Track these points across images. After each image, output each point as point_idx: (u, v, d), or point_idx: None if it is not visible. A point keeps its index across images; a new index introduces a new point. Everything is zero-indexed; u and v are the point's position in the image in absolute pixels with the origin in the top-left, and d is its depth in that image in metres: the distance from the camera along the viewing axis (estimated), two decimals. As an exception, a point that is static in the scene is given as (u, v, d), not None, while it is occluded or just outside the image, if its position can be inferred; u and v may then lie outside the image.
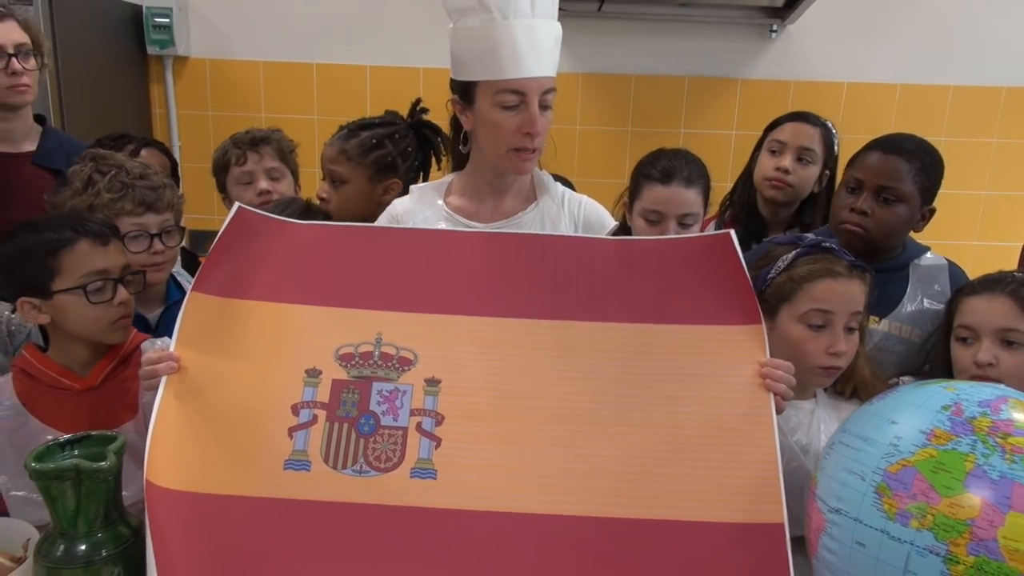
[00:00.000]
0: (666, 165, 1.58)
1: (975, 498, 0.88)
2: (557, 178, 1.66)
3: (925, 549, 0.89)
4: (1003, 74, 3.00)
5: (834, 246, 1.31)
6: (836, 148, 2.01)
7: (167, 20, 2.93)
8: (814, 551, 1.04)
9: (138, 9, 2.93)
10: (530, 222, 1.51)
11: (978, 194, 3.07)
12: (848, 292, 1.26)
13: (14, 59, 1.85)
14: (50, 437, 1.19)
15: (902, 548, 0.91)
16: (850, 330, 1.28)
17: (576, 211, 1.53)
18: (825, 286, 1.26)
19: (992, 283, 1.37)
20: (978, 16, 2.96)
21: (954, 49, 2.99)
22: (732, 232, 1.21)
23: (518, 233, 1.42)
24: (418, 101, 1.92)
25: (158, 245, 1.51)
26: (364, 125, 1.86)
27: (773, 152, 1.99)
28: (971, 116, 3.03)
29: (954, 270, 1.64)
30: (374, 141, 1.82)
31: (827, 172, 1.99)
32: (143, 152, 2.00)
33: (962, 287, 1.44)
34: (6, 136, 1.95)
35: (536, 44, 1.36)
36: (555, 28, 1.40)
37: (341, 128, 1.88)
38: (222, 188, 1.98)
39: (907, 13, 2.96)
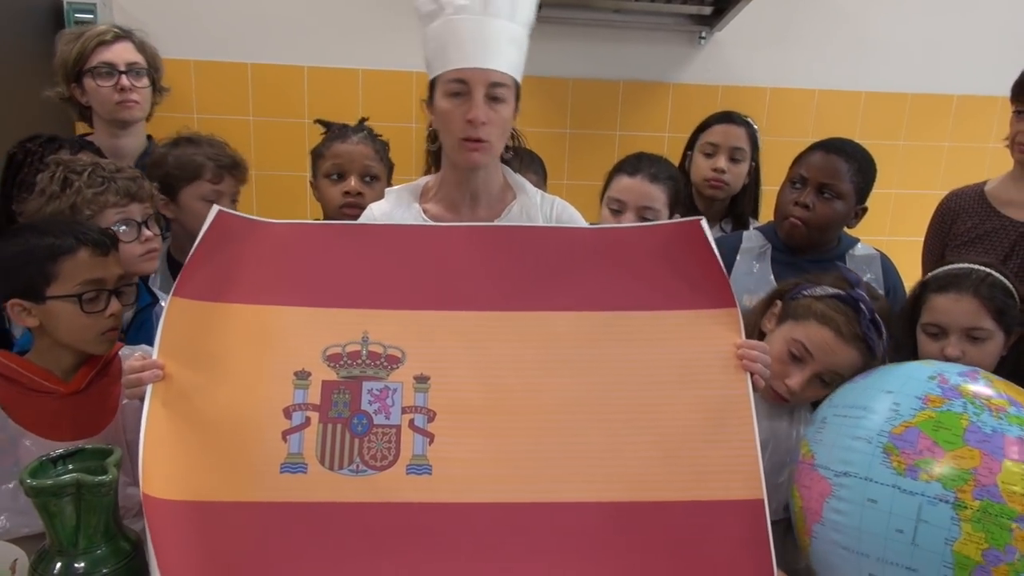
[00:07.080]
0: (637, 161, 1.67)
1: (974, 450, 1.00)
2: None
3: (935, 498, 0.99)
4: (909, 81, 3.23)
5: (864, 307, 1.33)
6: (759, 143, 2.20)
7: (91, 16, 2.77)
8: (818, 517, 1.11)
9: (59, 3, 2.78)
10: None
11: (888, 192, 3.29)
12: (837, 352, 1.32)
13: (124, 76, 1.98)
14: (28, 442, 1.16)
15: (914, 500, 1.00)
16: (822, 381, 1.34)
17: (549, 212, 1.57)
18: (822, 336, 1.32)
19: (958, 280, 1.43)
20: (885, 28, 3.18)
21: (865, 58, 3.19)
22: (703, 219, 1.26)
23: (497, 225, 1.45)
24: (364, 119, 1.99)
25: (147, 232, 1.50)
26: (372, 131, 1.91)
27: (707, 155, 2.14)
28: (881, 120, 3.25)
29: (884, 259, 1.80)
30: (387, 148, 1.91)
31: (753, 164, 2.17)
32: (79, 155, 1.86)
33: (928, 280, 1.50)
34: (116, 151, 1.98)
35: (485, 39, 1.41)
36: (511, 29, 1.44)
37: (344, 127, 1.89)
38: (170, 190, 1.80)
39: (823, 24, 3.14)
